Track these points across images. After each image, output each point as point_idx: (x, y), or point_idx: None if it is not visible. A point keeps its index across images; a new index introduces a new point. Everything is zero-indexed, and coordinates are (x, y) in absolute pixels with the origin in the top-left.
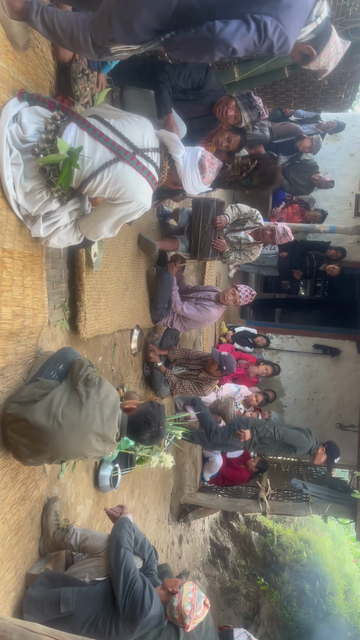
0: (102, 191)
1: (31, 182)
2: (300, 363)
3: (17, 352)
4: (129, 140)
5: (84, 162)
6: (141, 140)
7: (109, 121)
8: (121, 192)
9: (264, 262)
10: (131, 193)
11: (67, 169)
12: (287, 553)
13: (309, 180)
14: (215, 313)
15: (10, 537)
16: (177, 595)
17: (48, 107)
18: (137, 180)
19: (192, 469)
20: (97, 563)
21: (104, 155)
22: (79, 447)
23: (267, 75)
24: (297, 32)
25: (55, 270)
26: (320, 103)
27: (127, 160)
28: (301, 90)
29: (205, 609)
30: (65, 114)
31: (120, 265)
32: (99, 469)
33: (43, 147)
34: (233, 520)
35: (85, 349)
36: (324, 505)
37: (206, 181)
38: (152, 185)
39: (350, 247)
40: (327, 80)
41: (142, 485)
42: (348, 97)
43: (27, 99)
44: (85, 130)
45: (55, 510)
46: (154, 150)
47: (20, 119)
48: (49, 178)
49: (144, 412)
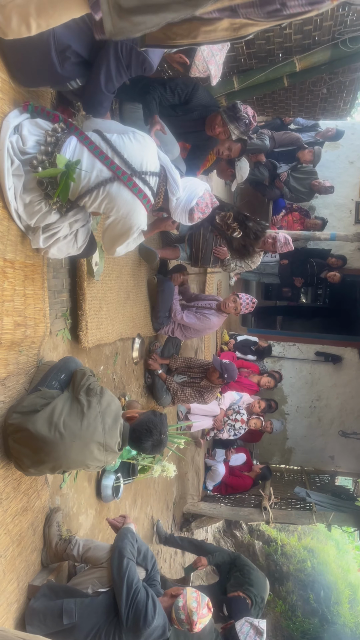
0: (97, 207)
1: (30, 193)
2: (302, 370)
3: (18, 362)
4: (128, 161)
5: (82, 176)
6: (140, 162)
7: (110, 138)
8: (115, 210)
9: (264, 269)
10: (124, 213)
11: (64, 182)
12: (291, 562)
13: (309, 186)
14: (216, 321)
15: (13, 549)
16: (181, 595)
17: (51, 120)
18: (131, 201)
19: (194, 477)
20: (99, 574)
21: (101, 173)
22: (81, 456)
23: (266, 85)
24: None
25: (56, 279)
26: (319, 111)
27: (124, 181)
28: (300, 99)
29: (209, 611)
30: (66, 127)
31: (122, 274)
32: (101, 479)
33: (41, 160)
34: (236, 529)
35: (86, 358)
36: (328, 514)
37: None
38: (146, 207)
39: (350, 254)
40: (326, 89)
41: (144, 494)
42: (347, 105)
43: (32, 111)
44: (85, 146)
45: (57, 520)
46: (152, 174)
47: (21, 131)
48: (47, 190)
49: (146, 421)
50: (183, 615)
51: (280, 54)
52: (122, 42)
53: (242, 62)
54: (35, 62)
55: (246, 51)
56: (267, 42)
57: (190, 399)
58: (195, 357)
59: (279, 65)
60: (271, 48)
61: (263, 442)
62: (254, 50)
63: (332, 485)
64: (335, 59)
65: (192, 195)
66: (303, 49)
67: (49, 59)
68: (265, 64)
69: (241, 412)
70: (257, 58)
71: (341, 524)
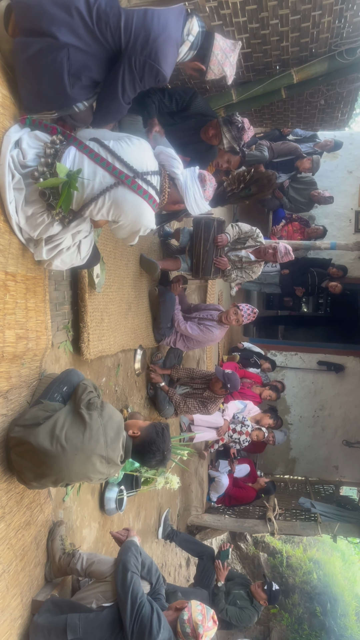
0: (104, 214)
1: (32, 206)
2: (305, 380)
3: (21, 374)
4: (128, 164)
5: (84, 184)
6: (140, 163)
7: (108, 144)
8: (123, 215)
9: (265, 279)
10: (133, 216)
11: (67, 192)
12: (296, 574)
13: (308, 197)
14: (218, 333)
15: (16, 563)
16: (186, 609)
17: (49, 133)
18: (138, 204)
19: (198, 489)
20: (103, 588)
21: (104, 179)
22: (83, 470)
23: (264, 96)
24: (171, 59)
25: (58, 292)
26: (317, 122)
27: (128, 185)
28: (298, 110)
29: (214, 624)
30: (65, 138)
31: (123, 286)
32: (105, 491)
33: (42, 171)
34: (241, 541)
35: (88, 370)
36: (333, 525)
37: (207, 195)
38: (153, 207)
39: (351, 263)
40: (324, 100)
41: (148, 507)
42: (345, 116)
43: (30, 124)
44: (85, 154)
45: (60, 534)
46: (153, 174)
47: (21, 144)
48: (49, 201)
49: (148, 442)
50: (188, 629)
51: (277, 67)
52: (136, 56)
53: (240, 74)
54: (45, 82)
55: (244, 64)
56: (264, 54)
57: (193, 410)
58: (197, 368)
59: (277, 78)
60: (269, 60)
61: (267, 453)
62: (252, 63)
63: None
64: (332, 70)
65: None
66: (300, 61)
67: (60, 80)
68: (263, 76)
69: (246, 424)
70: (254, 70)
71: (347, 534)
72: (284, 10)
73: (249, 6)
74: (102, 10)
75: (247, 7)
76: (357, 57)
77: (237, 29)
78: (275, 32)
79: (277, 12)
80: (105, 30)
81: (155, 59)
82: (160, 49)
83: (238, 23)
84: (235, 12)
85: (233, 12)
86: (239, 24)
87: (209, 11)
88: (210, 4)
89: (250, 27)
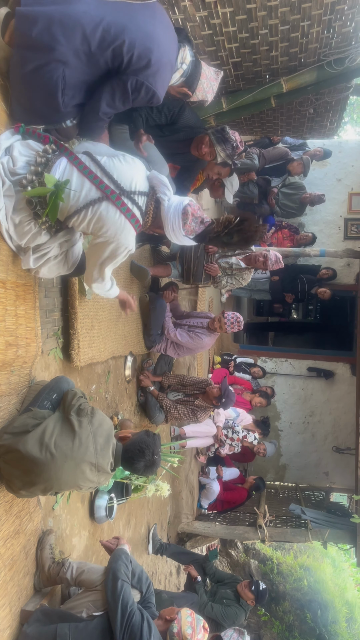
0: (85, 227)
1: (20, 214)
2: (295, 386)
3: (10, 382)
4: (117, 181)
5: (71, 196)
6: (129, 182)
7: (100, 160)
8: (103, 230)
9: (255, 286)
10: (113, 233)
11: (53, 202)
12: (287, 581)
13: (298, 202)
14: (208, 340)
15: (5, 573)
16: (175, 621)
17: (42, 142)
18: (120, 221)
19: (188, 496)
20: (94, 597)
21: (90, 192)
22: (73, 477)
23: (254, 105)
24: (166, 83)
25: (48, 299)
26: (306, 131)
27: (112, 201)
28: (288, 119)
29: (205, 633)
30: (57, 148)
31: None
32: (95, 499)
33: (31, 180)
34: (231, 548)
35: (79, 377)
36: (323, 531)
37: (187, 229)
38: (135, 228)
39: (340, 270)
40: (313, 109)
41: (138, 514)
42: (334, 125)
43: (23, 132)
44: (75, 166)
45: (50, 543)
46: (141, 194)
47: (12, 152)
48: (35, 210)
49: (139, 441)
50: None
51: (267, 76)
52: (135, 77)
53: (230, 83)
54: (39, 99)
55: (234, 73)
56: (254, 64)
57: (183, 418)
58: (188, 375)
59: (267, 87)
60: (258, 70)
61: (257, 460)
62: (242, 72)
63: (327, 501)
64: (321, 80)
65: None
66: (290, 70)
67: (54, 98)
68: (253, 85)
69: (237, 430)
70: (244, 79)
71: (337, 541)
72: (274, 21)
73: (238, 16)
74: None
75: (237, 17)
76: (346, 67)
77: (227, 38)
78: (265, 41)
79: (267, 22)
80: (106, 51)
81: (153, 82)
82: (158, 73)
83: (228, 32)
84: (225, 21)
85: (223, 21)
86: (228, 33)
87: (199, 21)
88: (201, 14)
89: (240, 36)
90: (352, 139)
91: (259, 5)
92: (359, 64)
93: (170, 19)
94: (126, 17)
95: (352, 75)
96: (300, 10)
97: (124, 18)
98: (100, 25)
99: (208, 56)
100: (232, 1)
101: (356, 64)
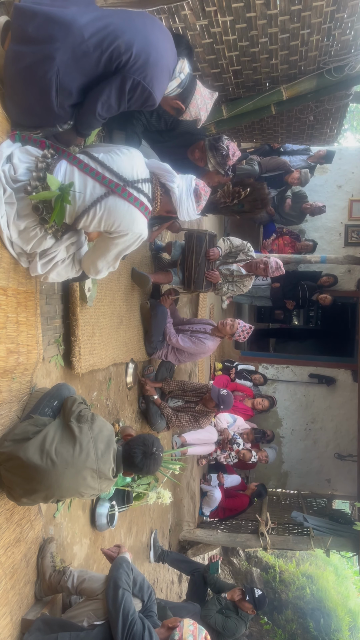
0: (97, 225)
1: (24, 220)
2: (297, 393)
3: (11, 389)
4: (118, 173)
5: (76, 197)
6: (130, 172)
7: (98, 156)
8: (116, 225)
9: (256, 292)
10: (126, 225)
11: (60, 205)
12: (289, 590)
13: (299, 210)
14: (210, 345)
15: (5, 582)
16: (177, 629)
17: (39, 147)
18: (130, 212)
19: (190, 504)
20: (95, 606)
21: (95, 190)
22: (74, 484)
23: (255, 113)
24: (163, 87)
25: (49, 306)
26: (306, 138)
27: (119, 193)
28: (288, 126)
29: None
30: (55, 152)
31: (114, 299)
32: (96, 507)
33: (35, 185)
34: (233, 556)
35: (80, 384)
36: (326, 539)
37: (200, 208)
38: (145, 215)
39: (341, 276)
40: (313, 116)
41: (139, 522)
42: (333, 132)
43: (19, 140)
44: (75, 166)
45: (51, 551)
46: (144, 181)
47: (12, 159)
48: (42, 215)
49: (139, 436)
50: None
51: (267, 83)
52: (132, 77)
53: (230, 91)
54: (33, 96)
55: (234, 81)
56: (254, 72)
57: (184, 425)
58: (189, 381)
59: (267, 94)
60: (258, 78)
61: (259, 467)
62: (242, 80)
63: (329, 509)
64: (320, 87)
65: (187, 178)
66: (289, 78)
67: (48, 96)
68: (253, 93)
69: (238, 442)
70: (245, 87)
71: (339, 548)
72: (274, 29)
73: (238, 25)
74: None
75: (237, 26)
76: (345, 75)
77: (227, 46)
78: (265, 49)
79: (267, 31)
80: (104, 52)
81: (150, 83)
82: (156, 75)
83: (228, 41)
84: (226, 30)
85: (223, 30)
86: (229, 41)
87: (200, 29)
88: (201, 22)
89: (240, 45)
90: (352, 146)
91: (258, 14)
92: (358, 72)
93: (168, 30)
94: (125, 21)
95: (352, 83)
96: (300, 18)
97: (124, 21)
98: (99, 27)
99: (208, 64)
100: (232, 10)
101: (356, 71)
